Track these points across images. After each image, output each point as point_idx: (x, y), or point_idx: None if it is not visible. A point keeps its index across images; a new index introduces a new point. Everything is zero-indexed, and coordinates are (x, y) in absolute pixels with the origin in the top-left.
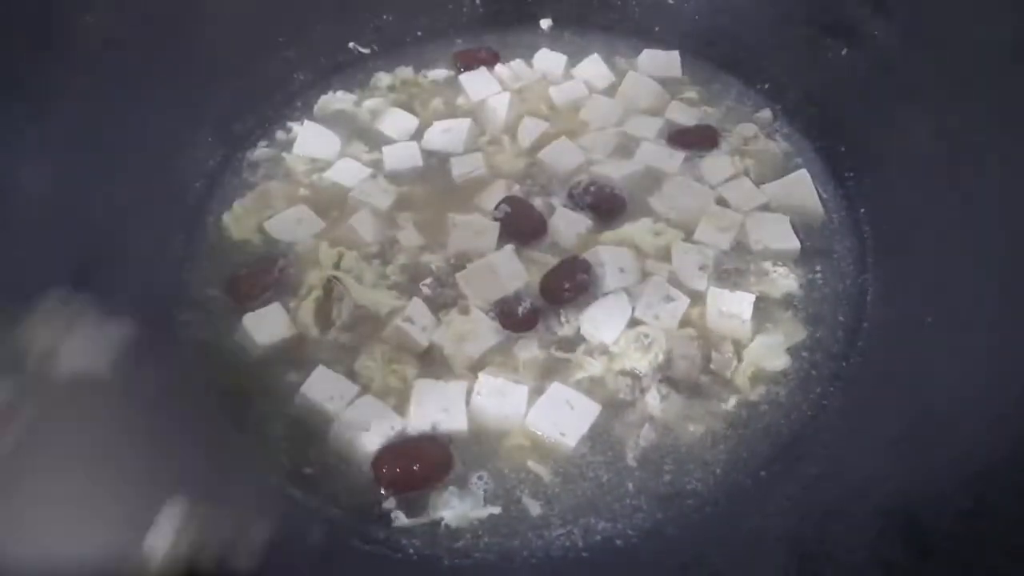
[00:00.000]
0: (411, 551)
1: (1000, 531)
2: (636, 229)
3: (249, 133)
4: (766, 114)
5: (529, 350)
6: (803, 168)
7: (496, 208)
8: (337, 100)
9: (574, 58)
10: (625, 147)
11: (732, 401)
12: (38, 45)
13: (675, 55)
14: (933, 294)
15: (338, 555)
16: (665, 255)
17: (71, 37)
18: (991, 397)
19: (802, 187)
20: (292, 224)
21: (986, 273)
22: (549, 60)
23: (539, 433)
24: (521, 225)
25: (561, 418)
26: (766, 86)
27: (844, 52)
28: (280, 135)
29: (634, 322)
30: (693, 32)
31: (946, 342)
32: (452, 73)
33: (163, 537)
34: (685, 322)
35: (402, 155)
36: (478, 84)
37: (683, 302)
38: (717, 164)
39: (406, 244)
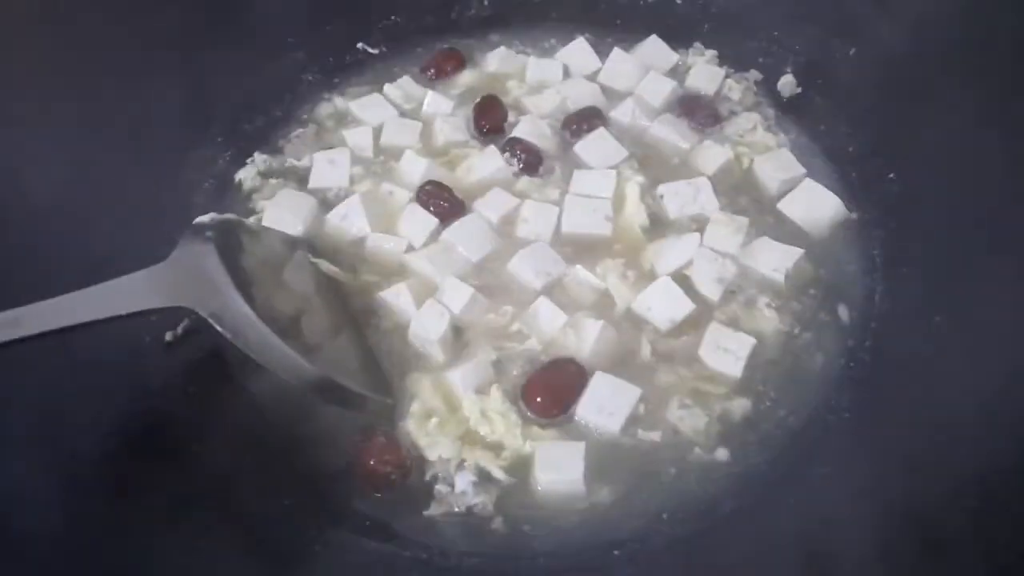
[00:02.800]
0: (423, 553)
1: (1009, 530)
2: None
3: (258, 133)
4: (788, 79)
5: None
6: (806, 174)
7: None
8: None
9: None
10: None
11: (737, 401)
12: (44, 45)
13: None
14: (941, 293)
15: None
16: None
17: (77, 38)
18: (1000, 396)
19: (816, 193)
20: None
21: (994, 271)
22: (505, 58)
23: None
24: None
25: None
26: (771, 85)
27: (851, 52)
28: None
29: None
30: (695, 32)
31: (955, 341)
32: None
33: None
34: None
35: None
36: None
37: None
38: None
39: None
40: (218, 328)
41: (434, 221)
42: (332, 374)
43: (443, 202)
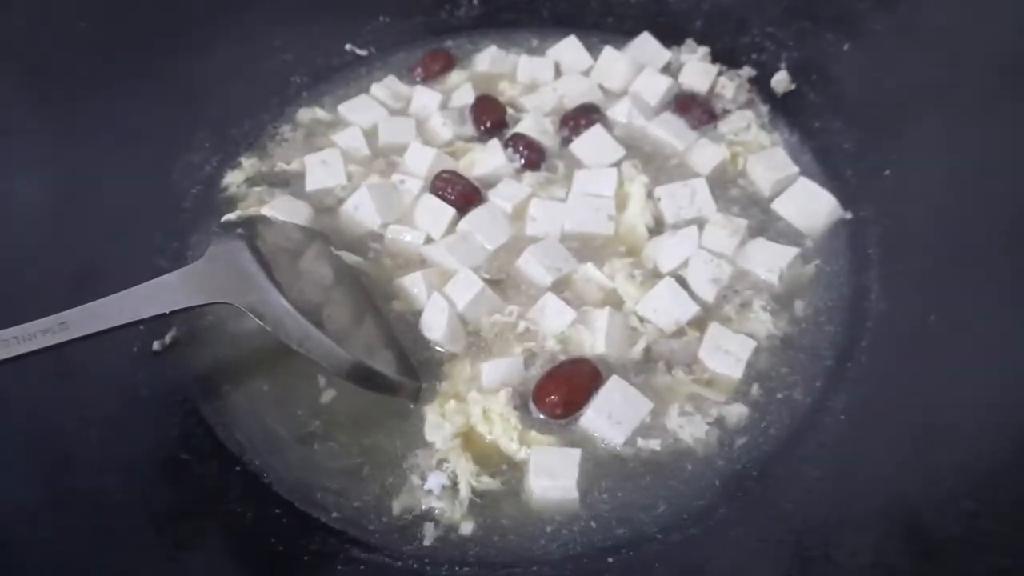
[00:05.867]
0: (413, 563)
1: (1003, 533)
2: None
3: (246, 137)
4: (782, 76)
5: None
6: (800, 172)
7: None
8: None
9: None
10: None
11: (733, 405)
12: (34, 52)
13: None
14: (936, 293)
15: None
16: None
17: (66, 43)
18: (995, 398)
19: (810, 191)
20: None
21: (990, 272)
22: (496, 58)
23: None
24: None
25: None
26: (765, 82)
27: (846, 47)
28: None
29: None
30: (690, 28)
31: (950, 342)
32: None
33: None
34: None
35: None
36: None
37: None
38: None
39: None
40: (258, 321)
41: (451, 211)
42: (365, 360)
43: (460, 189)
